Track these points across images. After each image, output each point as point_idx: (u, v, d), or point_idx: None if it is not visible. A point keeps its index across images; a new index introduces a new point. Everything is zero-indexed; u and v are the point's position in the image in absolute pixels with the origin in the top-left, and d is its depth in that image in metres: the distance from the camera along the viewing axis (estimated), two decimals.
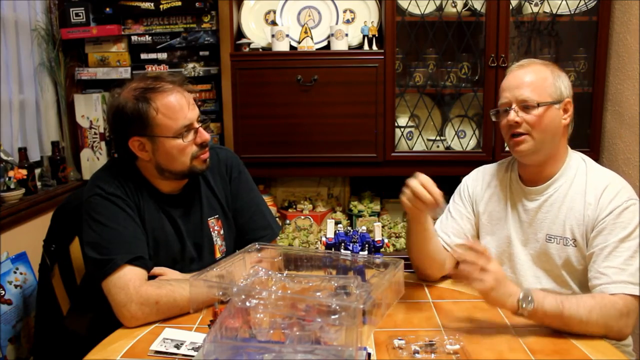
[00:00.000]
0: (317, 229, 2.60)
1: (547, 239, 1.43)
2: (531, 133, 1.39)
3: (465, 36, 2.37)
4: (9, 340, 1.86)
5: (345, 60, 2.37)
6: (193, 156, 1.41)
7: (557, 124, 1.40)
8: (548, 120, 1.38)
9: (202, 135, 1.42)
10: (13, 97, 2.22)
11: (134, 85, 1.39)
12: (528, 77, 1.40)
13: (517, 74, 1.43)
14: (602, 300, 1.24)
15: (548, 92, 1.39)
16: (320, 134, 2.41)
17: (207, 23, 2.51)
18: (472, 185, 1.61)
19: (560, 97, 1.40)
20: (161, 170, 1.42)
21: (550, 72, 1.42)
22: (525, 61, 1.47)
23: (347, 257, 1.23)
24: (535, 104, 1.37)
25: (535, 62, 1.46)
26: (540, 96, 1.38)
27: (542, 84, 1.39)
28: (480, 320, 1.27)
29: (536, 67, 1.43)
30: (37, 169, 2.31)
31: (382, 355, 1.11)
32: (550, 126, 1.39)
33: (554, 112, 1.39)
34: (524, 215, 1.48)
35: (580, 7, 2.35)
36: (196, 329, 1.25)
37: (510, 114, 1.40)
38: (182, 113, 1.37)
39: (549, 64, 1.45)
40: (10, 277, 1.89)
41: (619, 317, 1.23)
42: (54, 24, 2.50)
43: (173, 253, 1.47)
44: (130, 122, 1.37)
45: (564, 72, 1.45)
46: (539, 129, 1.38)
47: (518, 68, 1.44)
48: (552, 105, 1.39)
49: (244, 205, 1.58)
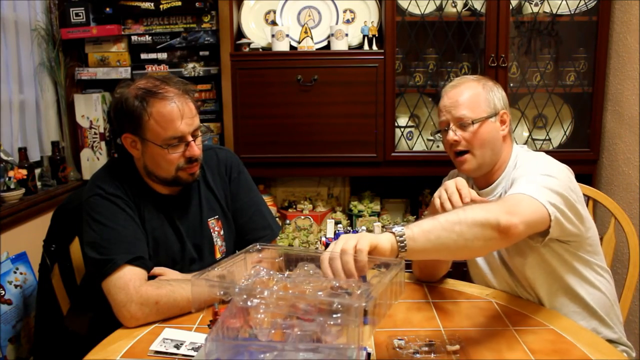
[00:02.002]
0: (317, 229, 2.60)
1: None
2: (471, 150, 1.44)
3: (465, 36, 2.38)
4: (9, 340, 1.86)
5: (345, 60, 2.37)
6: (179, 167, 1.39)
7: (495, 135, 1.45)
8: (485, 134, 1.43)
9: (192, 151, 1.38)
10: (13, 97, 2.22)
11: (141, 83, 1.39)
12: (461, 96, 1.45)
13: (451, 94, 1.47)
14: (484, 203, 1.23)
15: (482, 108, 1.44)
16: (320, 134, 2.41)
17: (207, 23, 2.51)
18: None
19: (495, 110, 1.45)
20: (148, 172, 1.42)
21: (482, 88, 1.47)
22: (457, 80, 1.51)
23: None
24: (470, 121, 1.43)
25: (467, 79, 1.50)
26: (474, 112, 1.43)
27: (475, 100, 1.44)
28: (480, 320, 1.27)
29: (468, 84, 1.47)
30: (37, 169, 2.31)
31: (382, 355, 1.11)
32: (488, 139, 1.44)
33: (490, 126, 1.44)
34: None
35: (580, 7, 2.35)
36: (196, 329, 1.25)
37: (449, 134, 1.46)
38: (174, 124, 1.35)
39: (480, 79, 1.50)
40: (10, 277, 1.89)
41: (501, 208, 1.14)
42: (54, 24, 2.49)
43: (173, 253, 1.47)
44: (126, 118, 1.37)
45: (497, 85, 1.50)
46: (477, 144, 1.43)
47: (451, 88, 1.49)
48: (487, 120, 1.44)
49: (243, 206, 1.58)
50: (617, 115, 2.32)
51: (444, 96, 1.49)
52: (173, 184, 1.44)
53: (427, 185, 2.69)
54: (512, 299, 1.40)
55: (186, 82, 1.43)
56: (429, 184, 2.68)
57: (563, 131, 2.46)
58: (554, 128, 2.48)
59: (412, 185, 2.71)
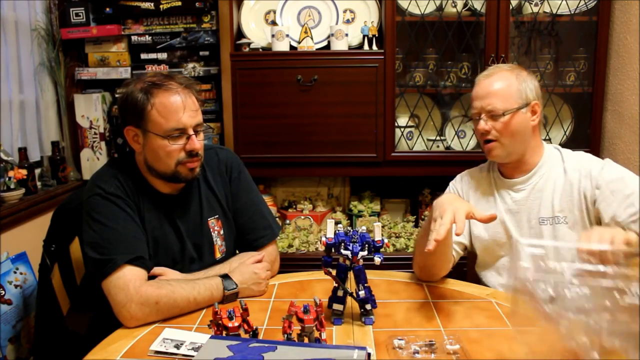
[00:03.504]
0: (317, 229, 2.60)
1: (540, 222, 1.51)
2: (500, 139, 1.48)
3: (465, 36, 2.37)
4: (9, 340, 1.86)
5: (345, 60, 2.37)
6: (179, 161, 1.39)
7: (525, 126, 1.49)
8: (515, 125, 1.47)
9: (192, 144, 1.39)
10: (13, 97, 2.22)
11: (147, 78, 1.41)
12: (493, 86, 1.48)
13: (484, 84, 1.50)
14: None
15: (513, 99, 1.47)
16: (320, 134, 2.41)
17: (207, 23, 2.51)
18: (461, 187, 1.67)
19: (527, 101, 1.48)
20: (148, 167, 1.43)
21: (515, 78, 1.49)
22: (491, 69, 1.54)
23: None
24: (501, 112, 1.46)
25: (500, 68, 1.53)
26: (506, 104, 1.46)
27: (508, 91, 1.47)
28: (480, 320, 1.27)
29: (501, 74, 1.50)
30: (37, 169, 2.31)
31: (382, 355, 1.11)
32: (518, 130, 1.48)
33: (521, 117, 1.48)
34: (514, 206, 1.55)
35: (580, 7, 2.35)
36: (196, 329, 1.25)
37: (480, 123, 1.50)
38: (176, 115, 1.36)
39: (514, 69, 1.52)
40: (10, 277, 1.90)
41: None
42: (54, 24, 2.50)
43: (173, 253, 1.47)
44: (130, 110, 1.38)
45: (530, 75, 1.52)
46: (507, 135, 1.48)
47: (484, 77, 1.52)
48: (519, 111, 1.47)
49: (243, 205, 1.58)
50: (617, 115, 2.31)
51: (476, 85, 1.52)
52: (173, 180, 1.44)
53: (427, 185, 2.69)
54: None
55: (190, 78, 1.45)
56: (429, 184, 2.69)
57: (563, 131, 2.46)
58: (554, 128, 2.48)
59: (412, 185, 2.71)
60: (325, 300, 1.28)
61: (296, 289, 1.47)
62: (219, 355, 0.97)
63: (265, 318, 1.30)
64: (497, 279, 1.58)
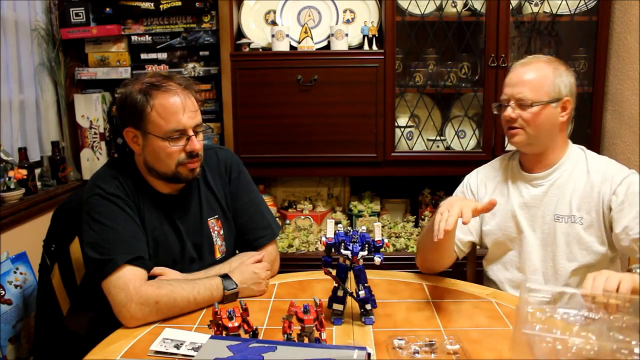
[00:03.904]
0: (317, 229, 2.60)
1: (555, 219, 1.49)
2: (525, 128, 1.47)
3: (465, 36, 2.37)
4: (9, 340, 1.86)
5: (345, 60, 2.37)
6: (179, 162, 1.39)
7: (552, 121, 1.47)
8: (542, 118, 1.45)
9: (192, 145, 1.39)
10: (13, 97, 2.22)
11: (145, 79, 1.40)
12: (528, 76, 1.46)
13: (518, 72, 1.48)
14: None
15: (545, 91, 1.45)
16: (320, 134, 2.41)
17: (207, 23, 2.51)
18: (475, 182, 1.65)
19: (558, 96, 1.46)
20: (148, 168, 1.42)
21: (552, 71, 1.46)
22: (529, 58, 1.52)
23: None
24: (530, 102, 1.44)
25: (539, 59, 1.50)
26: (537, 95, 1.44)
27: (541, 82, 1.45)
28: (480, 320, 1.27)
29: (538, 65, 1.48)
30: (37, 169, 2.31)
31: (382, 355, 1.11)
32: (544, 123, 1.46)
33: (550, 111, 1.46)
34: (530, 200, 1.53)
35: (580, 7, 2.35)
36: (196, 329, 1.25)
37: (507, 110, 1.48)
38: (176, 116, 1.36)
39: (552, 61, 1.49)
40: (10, 277, 1.90)
41: None
42: (54, 24, 2.50)
43: (173, 253, 1.47)
44: (129, 112, 1.38)
45: (568, 70, 1.49)
46: (533, 126, 1.46)
47: (520, 65, 1.49)
48: (549, 104, 1.45)
49: (243, 205, 1.58)
50: (617, 115, 2.31)
51: (511, 71, 1.50)
52: (173, 181, 1.44)
53: (427, 185, 2.69)
54: (513, 299, 1.40)
55: (189, 79, 1.44)
56: (429, 184, 2.69)
57: None
58: None
59: (412, 185, 2.71)
60: (325, 300, 1.28)
61: (296, 289, 1.47)
62: (219, 355, 0.97)
63: (265, 318, 1.30)
64: (503, 273, 1.58)
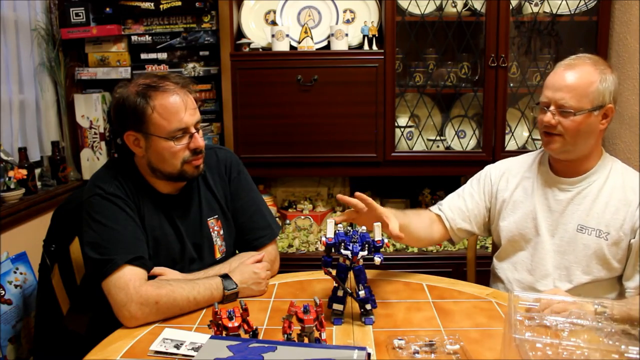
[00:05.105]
0: (317, 229, 2.60)
1: (578, 229, 1.44)
2: (564, 135, 1.38)
3: (465, 36, 2.37)
4: (9, 340, 1.86)
5: (345, 60, 2.37)
6: (184, 160, 1.40)
7: (593, 129, 1.38)
8: (584, 126, 1.36)
9: (196, 142, 1.40)
10: (13, 97, 2.22)
11: (140, 81, 1.40)
12: (572, 80, 1.36)
13: (562, 75, 1.38)
14: None
15: (589, 99, 1.35)
16: (320, 134, 2.41)
17: (207, 23, 2.51)
18: (497, 174, 1.60)
19: (602, 103, 1.36)
20: (153, 169, 1.42)
21: (598, 76, 1.36)
22: (573, 59, 1.41)
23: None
24: (572, 111, 1.35)
25: (584, 61, 1.39)
26: (580, 103, 1.35)
27: (585, 89, 1.35)
28: (480, 320, 1.27)
29: (584, 68, 1.37)
30: (37, 169, 2.31)
31: (382, 355, 1.11)
32: (585, 131, 1.37)
33: (592, 119, 1.37)
34: (554, 204, 1.48)
35: (580, 7, 2.35)
36: (196, 329, 1.25)
37: (547, 115, 1.39)
38: (178, 116, 1.36)
39: (599, 64, 1.39)
40: (10, 277, 1.90)
41: None
42: (54, 24, 2.50)
43: (173, 253, 1.47)
44: (128, 115, 1.37)
45: (613, 74, 1.39)
46: (572, 134, 1.37)
47: (565, 67, 1.39)
48: (591, 113, 1.36)
49: (243, 205, 1.58)
50: (617, 115, 2.31)
51: (554, 72, 1.40)
52: (179, 179, 1.44)
53: (427, 185, 2.69)
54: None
55: (184, 76, 1.44)
56: (429, 184, 2.69)
57: None
58: None
59: (412, 185, 2.71)
60: (325, 300, 1.28)
61: (296, 289, 1.47)
62: (218, 356, 0.97)
63: (265, 318, 1.30)
64: (512, 273, 1.55)
